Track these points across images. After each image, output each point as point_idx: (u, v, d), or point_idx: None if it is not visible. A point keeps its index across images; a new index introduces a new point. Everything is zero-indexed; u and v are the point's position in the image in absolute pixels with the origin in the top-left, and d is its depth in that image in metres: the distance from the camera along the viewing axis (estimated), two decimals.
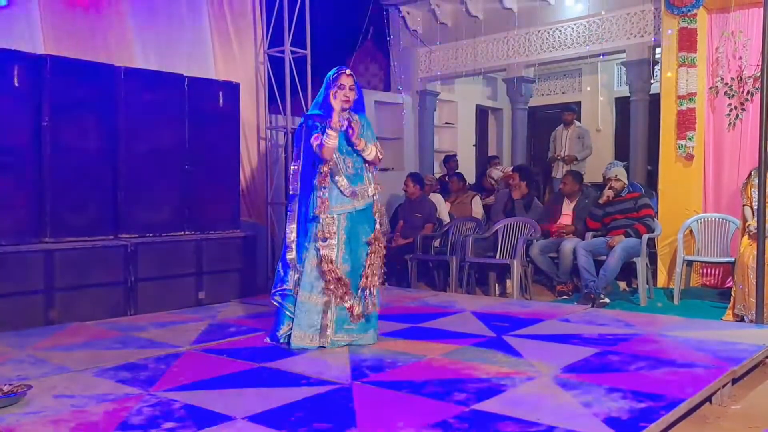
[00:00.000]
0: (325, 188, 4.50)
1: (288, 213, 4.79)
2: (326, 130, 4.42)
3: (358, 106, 4.69)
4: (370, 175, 4.76)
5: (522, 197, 7.95)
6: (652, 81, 9.13)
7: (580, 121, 10.56)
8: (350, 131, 4.52)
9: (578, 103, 11.95)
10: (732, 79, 7.30)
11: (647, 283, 6.83)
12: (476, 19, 10.53)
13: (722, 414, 3.63)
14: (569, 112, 9.67)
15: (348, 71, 4.58)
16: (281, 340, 4.64)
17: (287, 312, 4.63)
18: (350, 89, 4.54)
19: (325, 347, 4.50)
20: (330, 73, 4.62)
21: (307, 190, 4.60)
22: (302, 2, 8.63)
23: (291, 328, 4.58)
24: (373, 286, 4.59)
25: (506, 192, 8.44)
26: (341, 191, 4.55)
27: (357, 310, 4.53)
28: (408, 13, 11.28)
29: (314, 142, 4.47)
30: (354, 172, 4.62)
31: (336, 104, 4.44)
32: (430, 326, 5.23)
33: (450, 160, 10.71)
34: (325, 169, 4.48)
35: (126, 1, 7.07)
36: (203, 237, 6.51)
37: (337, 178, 4.54)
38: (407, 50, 11.55)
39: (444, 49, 11.08)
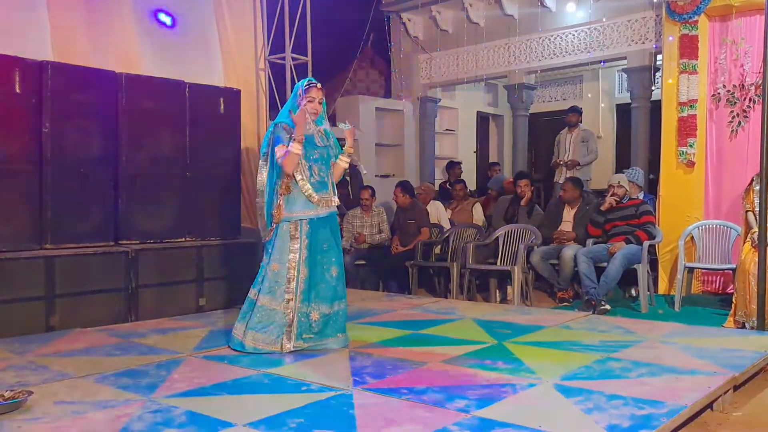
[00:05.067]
0: (284, 196, 4.58)
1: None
2: (291, 142, 4.51)
3: (319, 119, 4.80)
4: (333, 184, 4.84)
5: (526, 204, 7.97)
6: (653, 88, 9.14)
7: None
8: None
9: (579, 111, 11.94)
10: (734, 86, 7.30)
11: (648, 290, 6.82)
12: (477, 26, 10.55)
13: (723, 421, 3.63)
14: (573, 113, 9.45)
15: (319, 85, 4.73)
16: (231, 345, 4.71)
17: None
18: (319, 103, 4.70)
19: (281, 352, 4.55)
20: (301, 84, 4.75)
21: (272, 196, 4.67)
22: (303, 9, 8.65)
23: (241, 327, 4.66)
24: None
25: (507, 198, 8.44)
26: (307, 198, 4.61)
27: (315, 315, 4.62)
28: (409, 20, 11.31)
29: (278, 153, 4.54)
30: (320, 179, 4.69)
31: (299, 118, 4.52)
32: (431, 333, 5.22)
33: (454, 167, 10.69)
34: (287, 178, 4.57)
35: (130, 8, 7.12)
36: (204, 243, 6.51)
37: (302, 184, 4.60)
38: (408, 57, 11.57)
39: (445, 56, 11.11)
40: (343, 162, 4.84)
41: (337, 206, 4.86)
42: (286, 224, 4.60)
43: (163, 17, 7.37)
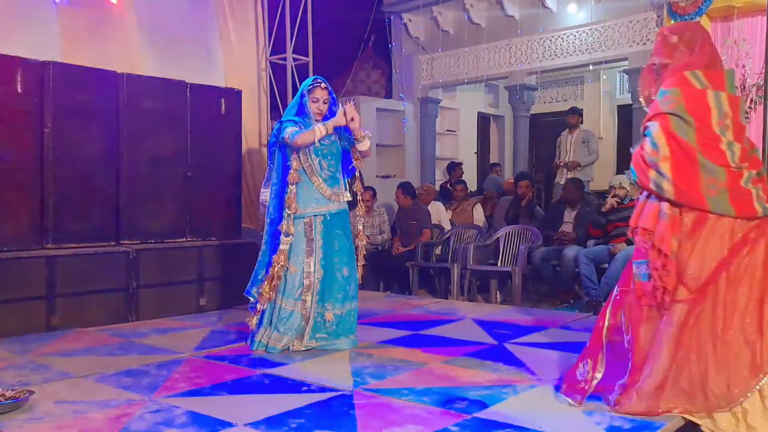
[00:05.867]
0: (294, 185, 4.55)
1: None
2: (319, 125, 4.45)
3: (329, 117, 4.75)
4: (345, 180, 4.82)
5: (527, 204, 7.98)
6: None
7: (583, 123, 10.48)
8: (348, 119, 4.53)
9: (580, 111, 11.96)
10: (735, 87, 7.29)
11: None
12: (478, 27, 10.56)
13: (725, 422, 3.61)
14: (573, 114, 9.45)
15: (323, 84, 4.67)
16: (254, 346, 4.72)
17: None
18: (324, 102, 4.65)
19: (293, 350, 4.59)
20: (306, 83, 4.73)
21: (281, 196, 4.65)
22: (304, 9, 8.66)
23: (265, 331, 4.67)
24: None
25: (508, 199, 8.45)
26: (320, 193, 4.61)
27: (329, 315, 4.62)
28: (410, 21, 11.32)
29: (290, 130, 4.47)
30: (330, 174, 4.67)
31: (340, 119, 4.46)
32: (432, 333, 5.22)
33: (455, 168, 10.70)
34: (295, 164, 4.55)
35: (135, 10, 7.15)
36: (204, 243, 6.51)
37: (313, 178, 4.61)
38: (409, 57, 11.58)
39: (446, 57, 11.11)
40: (363, 143, 4.65)
41: (348, 201, 4.82)
42: (300, 222, 4.59)
43: None
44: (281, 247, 4.54)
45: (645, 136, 3.23)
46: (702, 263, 3.05)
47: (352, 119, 4.47)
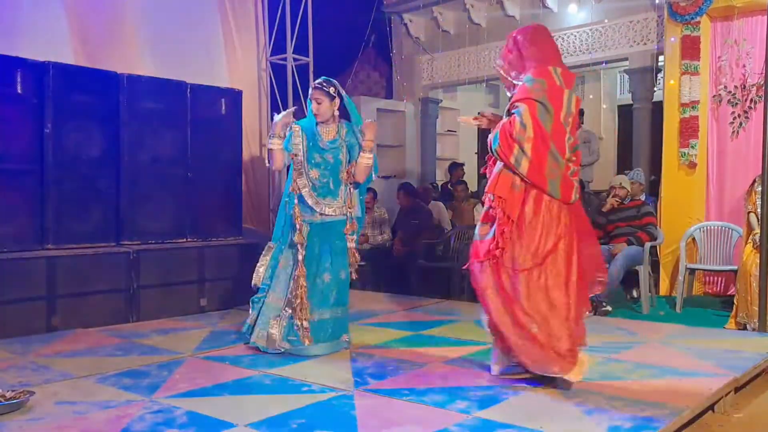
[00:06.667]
0: (295, 196, 4.61)
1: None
2: (270, 138, 4.59)
3: (344, 114, 4.79)
4: (346, 192, 4.74)
5: None
6: (655, 89, 9.12)
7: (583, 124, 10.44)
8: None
9: (581, 111, 11.92)
10: (735, 87, 7.29)
11: (649, 292, 6.81)
12: (479, 27, 10.54)
13: (725, 422, 3.62)
14: None
15: (316, 84, 4.69)
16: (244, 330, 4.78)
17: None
18: (318, 103, 4.64)
19: (267, 351, 4.56)
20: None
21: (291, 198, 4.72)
22: (305, 10, 8.66)
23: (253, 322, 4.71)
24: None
25: None
26: (307, 200, 4.60)
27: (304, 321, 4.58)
28: (410, 21, 11.29)
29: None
30: (321, 185, 4.64)
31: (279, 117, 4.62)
32: (432, 333, 5.22)
33: (457, 168, 10.70)
34: (295, 176, 4.61)
35: (135, 10, 7.17)
36: (205, 244, 6.51)
37: (301, 185, 4.61)
38: (409, 58, 11.56)
39: (446, 57, 11.09)
40: (364, 159, 4.65)
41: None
42: (298, 226, 4.59)
43: None
44: (299, 258, 4.56)
45: (513, 113, 3.63)
46: (546, 239, 3.59)
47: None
